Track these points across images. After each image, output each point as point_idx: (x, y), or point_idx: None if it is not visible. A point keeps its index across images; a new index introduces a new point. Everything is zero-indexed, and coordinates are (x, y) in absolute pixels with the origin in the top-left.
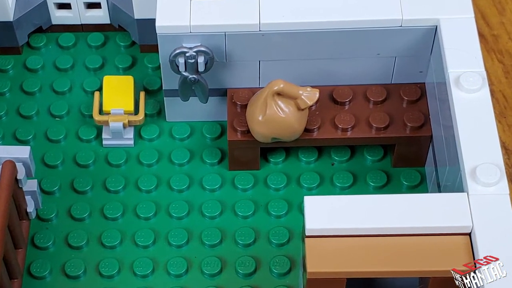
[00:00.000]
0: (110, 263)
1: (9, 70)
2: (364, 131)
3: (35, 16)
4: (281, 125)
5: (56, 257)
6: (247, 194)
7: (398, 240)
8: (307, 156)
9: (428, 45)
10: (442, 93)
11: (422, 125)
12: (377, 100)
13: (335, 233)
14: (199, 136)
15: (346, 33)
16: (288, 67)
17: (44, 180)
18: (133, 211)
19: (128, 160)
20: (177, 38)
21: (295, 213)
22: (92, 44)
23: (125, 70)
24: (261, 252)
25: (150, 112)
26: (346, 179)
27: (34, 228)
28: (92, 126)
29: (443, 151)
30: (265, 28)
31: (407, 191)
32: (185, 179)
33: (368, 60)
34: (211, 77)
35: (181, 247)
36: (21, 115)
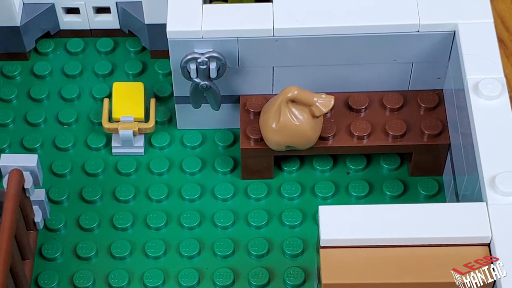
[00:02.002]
0: (120, 274)
1: (16, 77)
2: (380, 139)
3: (43, 21)
4: (295, 133)
5: (65, 269)
6: (260, 203)
7: (415, 251)
8: (322, 165)
9: (446, 50)
10: (460, 100)
11: (440, 133)
12: (393, 107)
13: (351, 243)
14: (211, 144)
15: (362, 39)
16: (303, 73)
17: (52, 189)
18: (143, 221)
19: (138, 169)
20: (188, 43)
21: (310, 223)
22: (101, 49)
23: (135, 77)
24: (274, 263)
25: (161, 119)
26: (362, 188)
27: (41, 238)
28: (101, 134)
29: (461, 160)
30: (279, 33)
31: (424, 201)
32: (196, 188)
33: (384, 66)
34: (224, 84)
35: (192, 258)
36: (28, 122)
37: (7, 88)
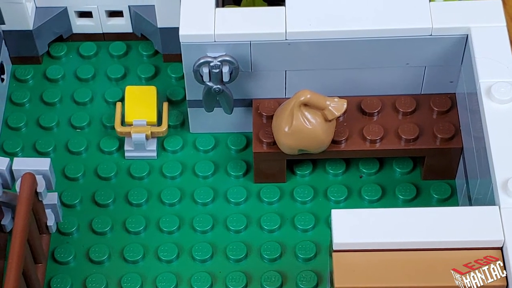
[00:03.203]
0: (133, 278)
1: (29, 80)
2: (393, 143)
3: (55, 25)
4: (308, 136)
5: (77, 272)
6: (273, 207)
7: (428, 255)
8: (335, 169)
9: (459, 54)
10: (473, 103)
11: (452, 136)
12: (406, 111)
13: (363, 247)
14: (223, 148)
15: (374, 42)
16: (315, 77)
17: (65, 193)
18: (156, 224)
19: (151, 173)
20: (201, 47)
21: (322, 227)
22: (114, 53)
23: (148, 80)
24: (287, 267)
25: (174, 123)
26: (374, 192)
27: (54, 242)
28: (114, 137)
29: (474, 163)
30: (291, 37)
31: (437, 204)
32: (209, 192)
33: (397, 70)
34: (236, 87)
35: (205, 261)
36: (41, 126)
37: (19, 91)
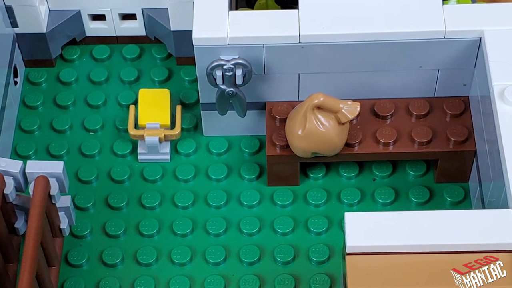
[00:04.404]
0: (146, 281)
1: (42, 83)
2: (406, 146)
3: (68, 28)
4: (321, 139)
5: (90, 275)
6: (286, 210)
7: (441, 258)
8: (348, 172)
9: (472, 57)
10: (486, 106)
11: (466, 139)
12: (419, 114)
13: (377, 250)
14: (237, 151)
15: (387, 45)
16: (328, 80)
17: (78, 196)
18: (169, 227)
19: (164, 176)
20: (214, 50)
21: (336, 230)
22: (127, 56)
23: (161, 83)
24: (300, 270)
25: (187, 126)
26: (387, 195)
27: (67, 245)
28: (127, 140)
29: (487, 166)
30: (305, 40)
31: (450, 207)
32: (222, 195)
33: (410, 73)
34: (249, 90)
35: (218, 265)
36: (54, 129)
37: (33, 94)
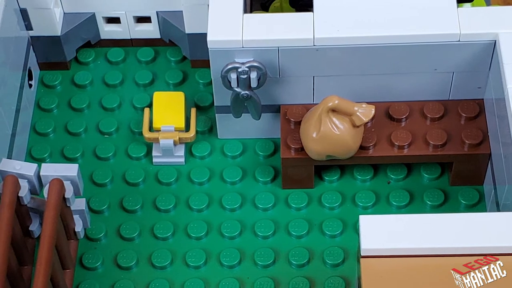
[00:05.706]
0: (161, 284)
1: (57, 86)
2: (421, 149)
3: (83, 31)
4: (336, 142)
5: (105, 278)
6: (301, 213)
7: (455, 261)
8: (363, 174)
9: (487, 60)
10: (501, 109)
11: (480, 142)
12: (434, 117)
13: (392, 253)
14: (251, 153)
15: (402, 48)
16: (343, 83)
17: (93, 199)
18: (184, 230)
19: (179, 178)
20: (229, 53)
21: (350, 232)
22: (142, 59)
23: (176, 86)
24: (315, 272)
25: (202, 129)
26: (402, 198)
27: (82, 248)
28: (142, 143)
29: (502, 169)
30: (319, 43)
31: (465, 210)
32: (237, 197)
33: (425, 76)
34: (264, 93)
35: (233, 267)
36: (69, 132)
37: (47, 97)
